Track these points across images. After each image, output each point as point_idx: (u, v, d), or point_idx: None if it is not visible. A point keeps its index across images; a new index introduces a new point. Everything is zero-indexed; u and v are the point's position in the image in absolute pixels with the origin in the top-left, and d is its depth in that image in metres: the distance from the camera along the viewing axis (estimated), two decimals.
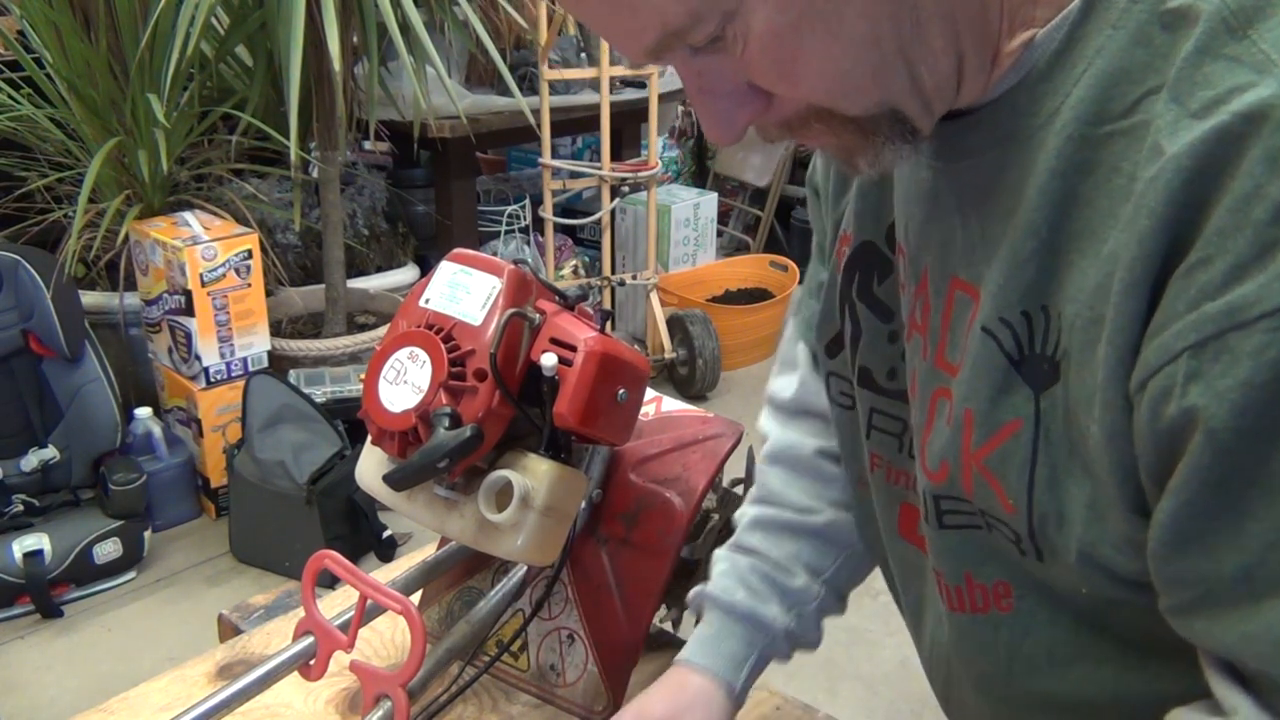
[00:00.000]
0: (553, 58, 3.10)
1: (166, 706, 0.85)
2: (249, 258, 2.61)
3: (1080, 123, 0.55)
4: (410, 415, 0.72)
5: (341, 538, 2.49)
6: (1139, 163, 0.52)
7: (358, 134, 3.17)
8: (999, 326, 0.60)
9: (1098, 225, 0.55)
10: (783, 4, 0.51)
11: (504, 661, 0.91)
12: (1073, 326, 0.56)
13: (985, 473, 0.62)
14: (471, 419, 0.71)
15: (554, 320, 0.76)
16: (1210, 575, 0.51)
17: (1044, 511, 0.60)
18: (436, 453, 0.69)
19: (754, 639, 0.83)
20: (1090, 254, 0.55)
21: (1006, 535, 0.63)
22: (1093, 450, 0.55)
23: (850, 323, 0.77)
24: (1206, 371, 0.48)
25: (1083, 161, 0.55)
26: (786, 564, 0.86)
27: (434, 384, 0.72)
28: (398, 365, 0.74)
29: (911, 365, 0.70)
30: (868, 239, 0.74)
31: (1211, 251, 0.48)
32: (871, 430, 0.77)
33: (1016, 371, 0.60)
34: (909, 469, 0.76)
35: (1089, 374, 0.55)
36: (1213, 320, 0.48)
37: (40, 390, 2.53)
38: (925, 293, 0.67)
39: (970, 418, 0.62)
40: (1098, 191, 0.55)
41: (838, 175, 0.80)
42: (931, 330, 0.66)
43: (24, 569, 2.32)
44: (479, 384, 0.72)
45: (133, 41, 2.59)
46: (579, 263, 3.80)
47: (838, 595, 0.88)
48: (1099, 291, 0.54)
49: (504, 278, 0.75)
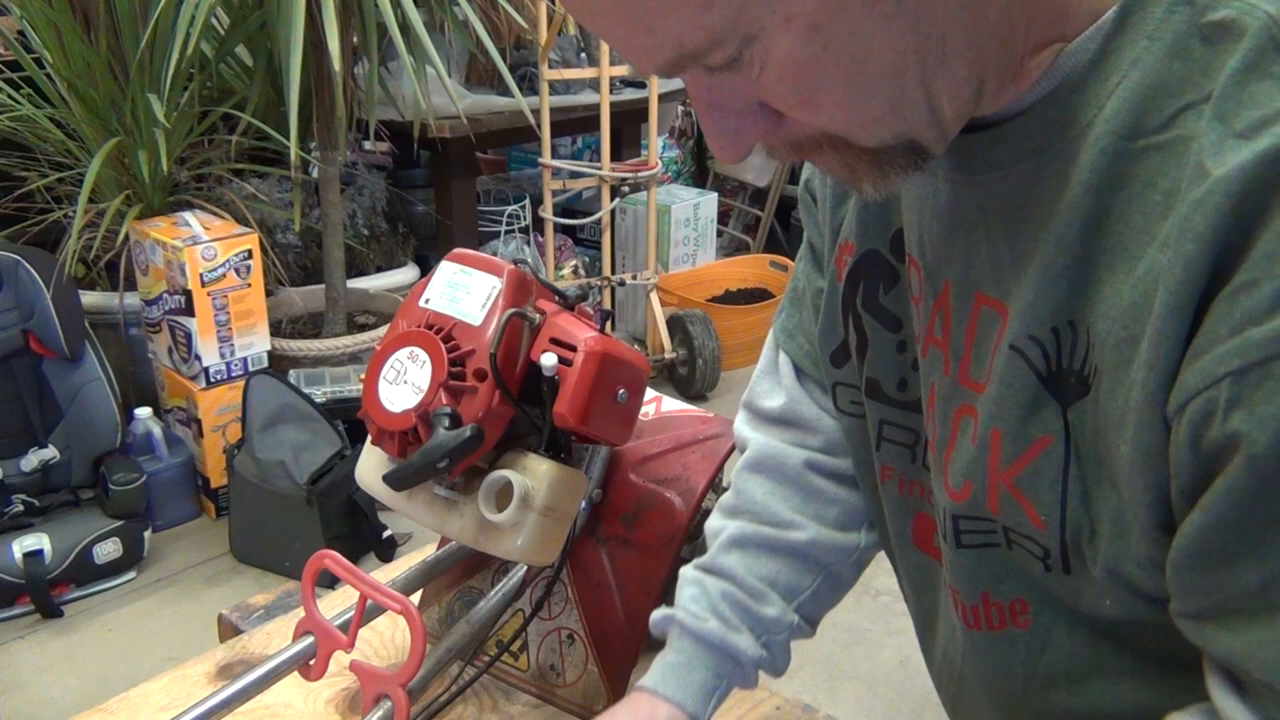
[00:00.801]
0: (553, 58, 3.10)
1: (166, 706, 0.85)
2: (249, 258, 2.61)
3: (1115, 136, 0.54)
4: (410, 415, 0.72)
5: (341, 538, 2.49)
6: (1178, 180, 0.51)
7: (358, 134, 3.18)
8: (1029, 344, 0.59)
9: (1130, 242, 0.54)
10: (807, 34, 0.49)
11: (504, 661, 0.91)
12: (1104, 344, 0.55)
13: (1014, 491, 0.61)
14: (471, 419, 0.71)
15: (554, 320, 0.76)
16: (1228, 585, 0.51)
17: (1078, 524, 0.59)
18: (436, 453, 0.69)
19: (723, 670, 0.80)
20: (1122, 271, 0.54)
21: (1032, 551, 0.62)
22: (1121, 469, 0.55)
23: (855, 333, 0.76)
24: (1249, 398, 0.48)
25: (1117, 176, 0.54)
26: (761, 590, 0.82)
27: (434, 384, 0.72)
28: (398, 365, 0.74)
29: (929, 379, 0.68)
30: (872, 248, 0.73)
31: (1258, 275, 0.47)
32: (882, 442, 0.76)
33: (1045, 388, 0.59)
34: (924, 480, 0.75)
35: (1121, 394, 0.54)
36: (1257, 346, 0.47)
37: (40, 390, 2.53)
38: (946, 307, 0.65)
39: (998, 437, 0.61)
40: (1131, 207, 0.54)
41: (836, 181, 0.78)
42: (954, 346, 0.65)
43: (24, 569, 2.32)
44: (479, 384, 0.72)
45: (133, 41, 2.59)
46: (579, 263, 3.79)
47: (810, 622, 0.84)
48: (1134, 311, 0.53)
49: (504, 278, 0.75)
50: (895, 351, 0.73)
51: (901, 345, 0.73)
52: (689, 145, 4.81)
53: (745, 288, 3.94)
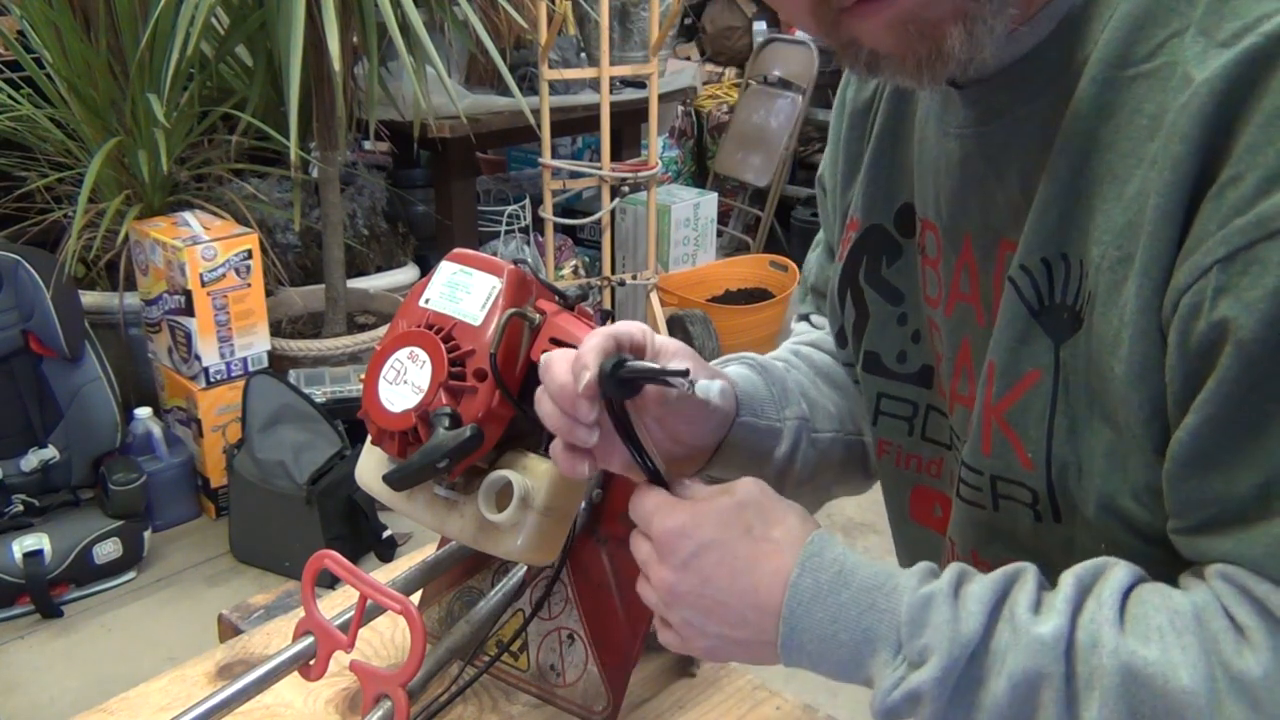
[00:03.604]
0: (553, 58, 3.10)
1: (166, 706, 0.85)
2: (249, 258, 2.61)
3: (1105, 65, 0.56)
4: (410, 415, 0.72)
5: (341, 538, 2.49)
6: (1164, 102, 0.53)
7: (358, 134, 3.18)
8: (1020, 275, 0.60)
9: (1119, 168, 0.55)
10: None
11: (504, 661, 0.91)
12: (1099, 269, 0.56)
13: (1005, 427, 0.62)
14: (471, 419, 0.71)
15: (554, 320, 0.76)
16: (1224, 495, 0.51)
17: (1064, 462, 0.60)
18: (436, 453, 0.69)
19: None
20: (1113, 197, 0.55)
21: (1021, 500, 0.63)
22: (1116, 392, 0.55)
23: (855, 308, 0.77)
24: (1235, 284, 0.48)
25: (1105, 104, 0.56)
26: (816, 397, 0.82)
27: (434, 384, 0.72)
28: (398, 365, 0.74)
29: (959, 335, 0.69)
30: (876, 223, 0.75)
31: (1242, 169, 0.49)
32: (879, 416, 0.77)
33: (1036, 321, 0.60)
34: (922, 452, 0.76)
35: (1114, 313, 0.54)
36: (1241, 232, 0.48)
37: (40, 390, 2.53)
38: (970, 260, 0.66)
39: (992, 370, 0.62)
40: (1119, 134, 0.55)
41: (846, 164, 0.79)
42: (985, 295, 0.66)
43: (24, 569, 2.32)
44: (479, 384, 0.72)
45: (133, 41, 2.59)
46: (579, 263, 3.79)
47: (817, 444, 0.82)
48: (1127, 230, 0.54)
49: (504, 278, 0.75)
50: (896, 324, 0.75)
51: (903, 318, 0.74)
52: (689, 145, 4.81)
53: (745, 288, 3.94)
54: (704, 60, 4.97)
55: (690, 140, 4.81)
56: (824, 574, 0.60)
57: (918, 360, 0.74)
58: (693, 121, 4.75)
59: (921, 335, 0.74)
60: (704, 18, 5.02)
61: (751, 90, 4.47)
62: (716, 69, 4.91)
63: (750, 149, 4.33)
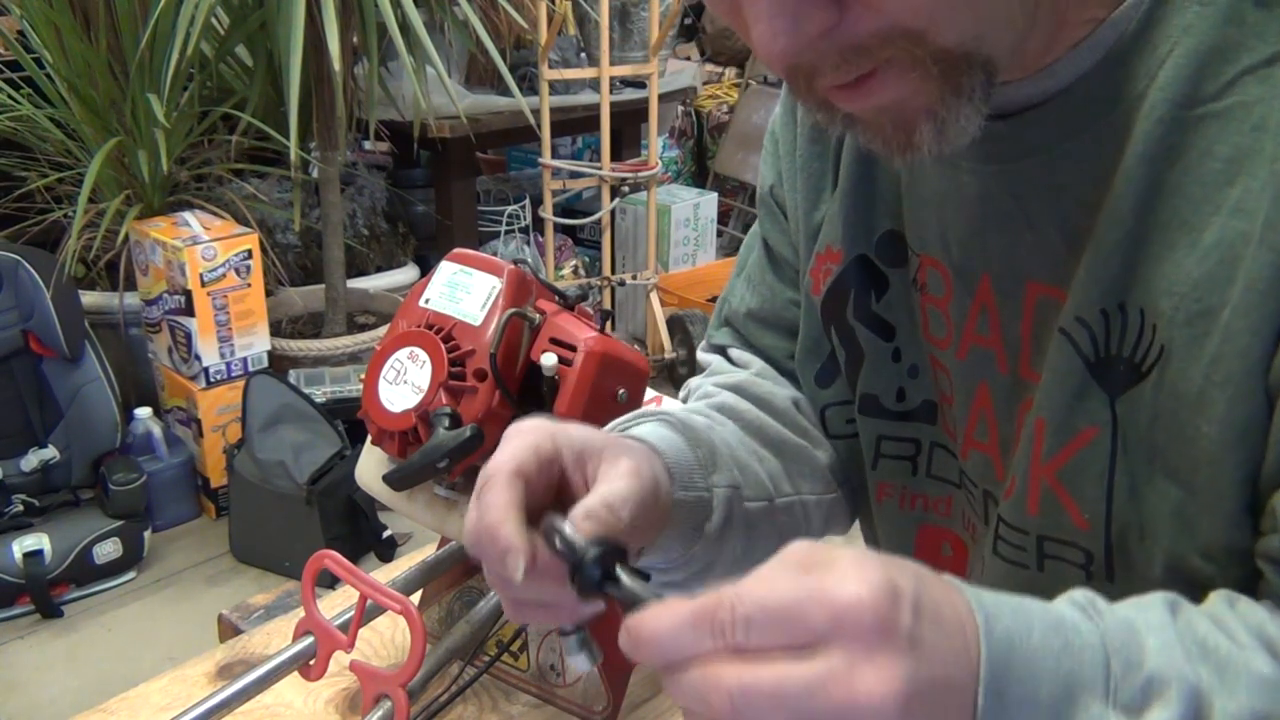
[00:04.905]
0: (553, 58, 3.10)
1: (166, 706, 0.85)
2: (249, 258, 2.60)
3: (1171, 104, 0.52)
4: (410, 415, 0.72)
5: (341, 538, 2.49)
6: (1240, 146, 0.50)
7: (358, 134, 3.18)
8: (1076, 327, 0.57)
9: (1189, 214, 0.52)
10: None
11: (504, 661, 0.90)
12: (1172, 322, 0.52)
13: (1056, 486, 0.59)
14: (471, 419, 0.71)
15: (554, 320, 0.76)
16: None
17: (1125, 522, 0.57)
18: (436, 453, 0.69)
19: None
20: (1184, 246, 0.52)
21: (1071, 560, 0.60)
22: (1203, 452, 0.52)
23: (845, 348, 0.73)
24: None
25: (1173, 146, 0.52)
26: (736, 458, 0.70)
27: (434, 384, 0.72)
28: (398, 365, 0.74)
29: (975, 379, 0.65)
30: (860, 253, 0.70)
31: None
32: (879, 459, 0.74)
33: (1091, 375, 0.56)
34: (927, 491, 0.72)
35: (1196, 370, 0.51)
36: None
37: (40, 390, 2.53)
38: (990, 302, 0.63)
39: (1041, 427, 0.59)
40: (1188, 178, 0.52)
41: (807, 182, 0.74)
42: (1009, 341, 0.62)
43: (24, 569, 2.32)
44: (479, 384, 0.72)
45: (133, 41, 2.59)
46: (579, 263, 3.79)
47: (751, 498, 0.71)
48: (1206, 282, 0.51)
49: (504, 278, 0.75)
50: (891, 361, 0.71)
51: (896, 353, 0.71)
52: (689, 145, 4.81)
53: None
54: (704, 60, 4.97)
55: (690, 140, 4.81)
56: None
57: (918, 396, 0.70)
58: (693, 121, 4.75)
59: (920, 370, 0.70)
60: (704, 18, 5.02)
61: (752, 90, 4.47)
62: (716, 69, 4.91)
63: (750, 149, 4.33)
